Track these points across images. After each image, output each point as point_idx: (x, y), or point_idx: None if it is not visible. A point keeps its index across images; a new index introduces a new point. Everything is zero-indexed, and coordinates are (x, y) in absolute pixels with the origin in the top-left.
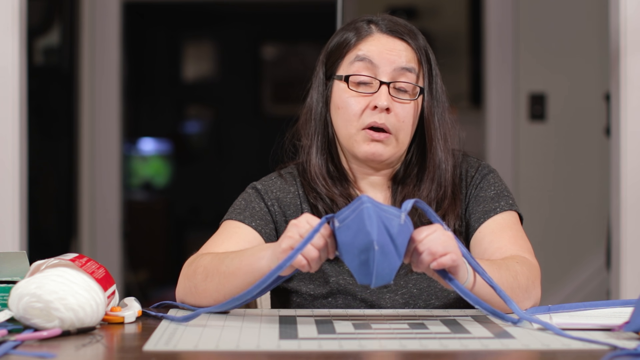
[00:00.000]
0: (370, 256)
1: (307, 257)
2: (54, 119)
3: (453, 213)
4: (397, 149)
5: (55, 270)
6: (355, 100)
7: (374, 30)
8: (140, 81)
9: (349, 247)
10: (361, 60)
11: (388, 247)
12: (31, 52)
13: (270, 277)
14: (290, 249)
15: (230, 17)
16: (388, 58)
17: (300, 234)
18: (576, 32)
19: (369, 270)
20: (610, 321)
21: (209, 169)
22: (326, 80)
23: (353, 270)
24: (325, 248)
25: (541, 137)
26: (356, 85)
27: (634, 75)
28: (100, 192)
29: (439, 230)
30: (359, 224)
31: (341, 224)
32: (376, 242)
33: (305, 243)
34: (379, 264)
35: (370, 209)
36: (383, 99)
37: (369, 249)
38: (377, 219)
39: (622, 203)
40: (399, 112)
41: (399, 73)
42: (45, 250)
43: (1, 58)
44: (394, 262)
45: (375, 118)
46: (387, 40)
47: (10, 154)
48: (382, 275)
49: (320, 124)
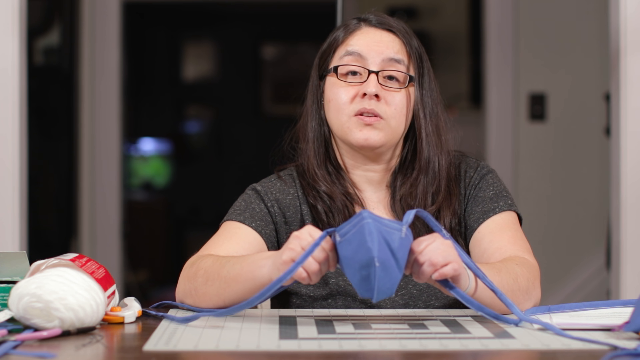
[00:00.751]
0: (372, 272)
1: (308, 270)
2: (54, 119)
3: (448, 209)
4: (390, 135)
5: (55, 270)
6: (345, 90)
7: (362, 25)
8: (140, 81)
9: (350, 262)
10: (350, 55)
11: (389, 262)
12: (31, 52)
13: (270, 289)
14: (291, 261)
15: (230, 17)
16: (376, 49)
17: (302, 246)
18: (576, 32)
19: (370, 286)
20: (610, 321)
21: (209, 169)
22: (319, 80)
23: (354, 284)
24: (326, 261)
25: (541, 137)
26: (345, 75)
27: (634, 75)
28: (100, 192)
29: (438, 240)
30: (359, 240)
31: (342, 239)
32: (377, 258)
33: (305, 256)
34: (380, 279)
35: (371, 224)
36: (372, 86)
37: (370, 265)
38: (377, 235)
39: (622, 203)
40: (390, 100)
41: (387, 63)
42: (45, 250)
43: (1, 58)
44: (395, 276)
45: (365, 104)
46: (375, 33)
47: (10, 154)
48: (383, 290)
49: (316, 122)
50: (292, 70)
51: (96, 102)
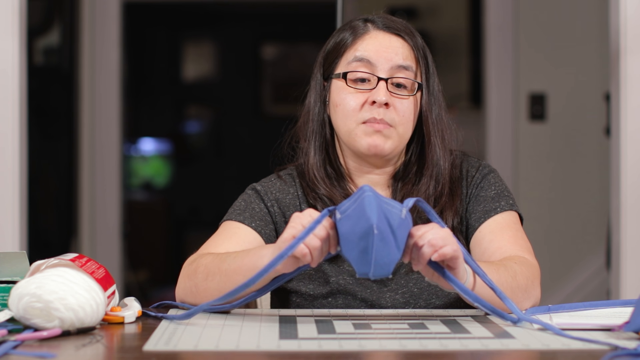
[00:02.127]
0: (370, 242)
1: (309, 246)
2: (54, 119)
3: (451, 209)
4: (397, 142)
5: (55, 270)
6: (354, 97)
7: (370, 28)
8: (140, 81)
9: (349, 236)
10: (359, 61)
11: (387, 235)
12: (31, 52)
13: (272, 265)
14: (292, 238)
15: (230, 17)
16: (385, 56)
17: (302, 224)
18: (576, 32)
19: (368, 258)
20: (610, 321)
21: (209, 169)
22: (324, 81)
23: (352, 260)
24: (327, 240)
25: (541, 137)
26: (354, 82)
27: (634, 75)
28: (100, 192)
29: (437, 227)
30: (359, 212)
31: (342, 215)
32: (375, 226)
33: (307, 232)
34: (377, 250)
35: (372, 197)
36: (382, 94)
37: (369, 234)
38: (377, 207)
39: (622, 203)
40: (399, 107)
41: (396, 70)
42: (45, 250)
43: (1, 58)
44: (393, 253)
45: (374, 113)
46: (384, 38)
47: (10, 154)
48: (380, 264)
49: (318, 124)
50: (292, 70)
51: (96, 102)
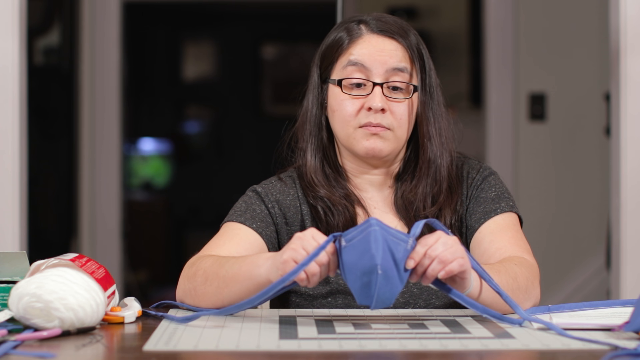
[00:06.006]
0: (373, 279)
1: (308, 272)
2: (54, 119)
3: (449, 207)
4: (395, 144)
5: (55, 270)
6: (350, 102)
7: (364, 31)
8: (140, 81)
9: (353, 268)
10: (354, 65)
11: (391, 272)
12: (31, 52)
13: (272, 289)
14: (291, 260)
15: (230, 17)
16: (380, 60)
17: (303, 247)
18: (576, 32)
19: (370, 293)
20: (610, 321)
21: (209, 169)
22: (321, 83)
23: (354, 291)
24: (327, 265)
25: (541, 137)
26: (350, 88)
27: (634, 75)
28: (100, 192)
29: (444, 236)
30: (364, 246)
31: (347, 244)
32: (380, 266)
33: (310, 259)
34: (380, 288)
35: (378, 232)
36: (377, 100)
37: (372, 272)
38: (383, 243)
39: (622, 203)
40: (395, 111)
41: (391, 74)
42: (45, 250)
43: (1, 58)
44: (396, 286)
45: (371, 119)
46: (378, 41)
47: (10, 154)
48: (382, 299)
49: (315, 126)
50: (292, 70)
51: (96, 102)
